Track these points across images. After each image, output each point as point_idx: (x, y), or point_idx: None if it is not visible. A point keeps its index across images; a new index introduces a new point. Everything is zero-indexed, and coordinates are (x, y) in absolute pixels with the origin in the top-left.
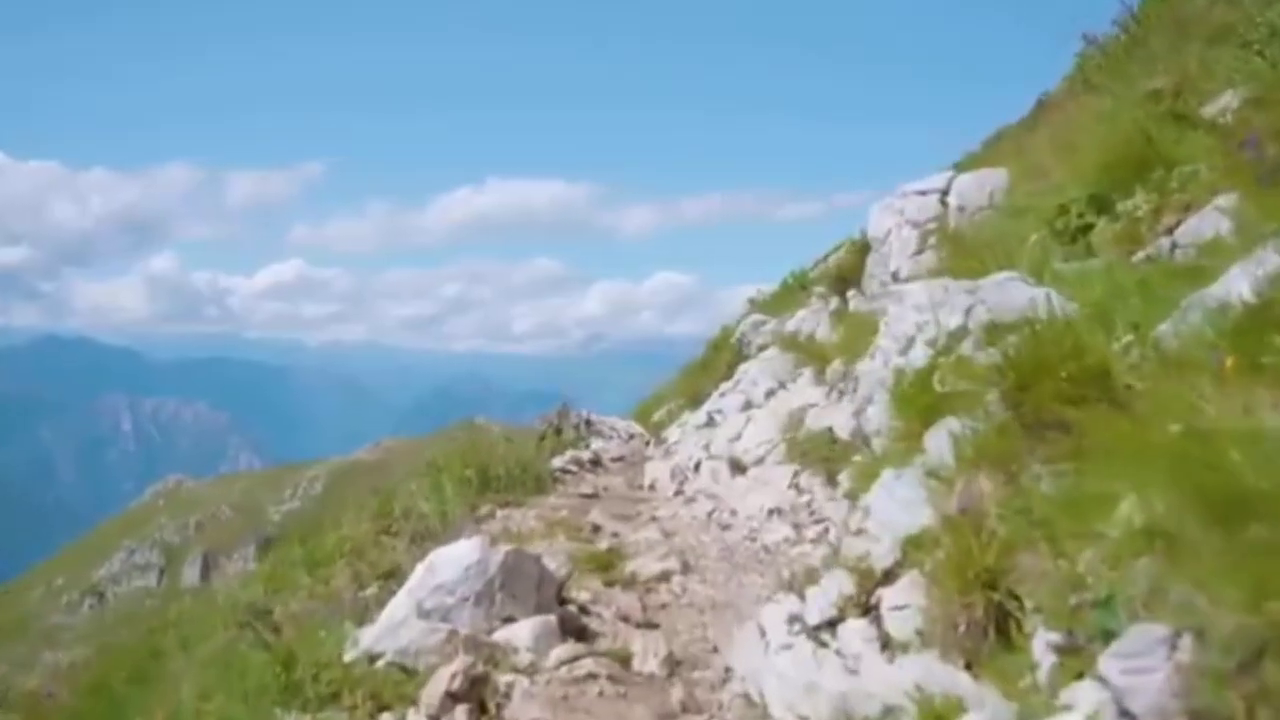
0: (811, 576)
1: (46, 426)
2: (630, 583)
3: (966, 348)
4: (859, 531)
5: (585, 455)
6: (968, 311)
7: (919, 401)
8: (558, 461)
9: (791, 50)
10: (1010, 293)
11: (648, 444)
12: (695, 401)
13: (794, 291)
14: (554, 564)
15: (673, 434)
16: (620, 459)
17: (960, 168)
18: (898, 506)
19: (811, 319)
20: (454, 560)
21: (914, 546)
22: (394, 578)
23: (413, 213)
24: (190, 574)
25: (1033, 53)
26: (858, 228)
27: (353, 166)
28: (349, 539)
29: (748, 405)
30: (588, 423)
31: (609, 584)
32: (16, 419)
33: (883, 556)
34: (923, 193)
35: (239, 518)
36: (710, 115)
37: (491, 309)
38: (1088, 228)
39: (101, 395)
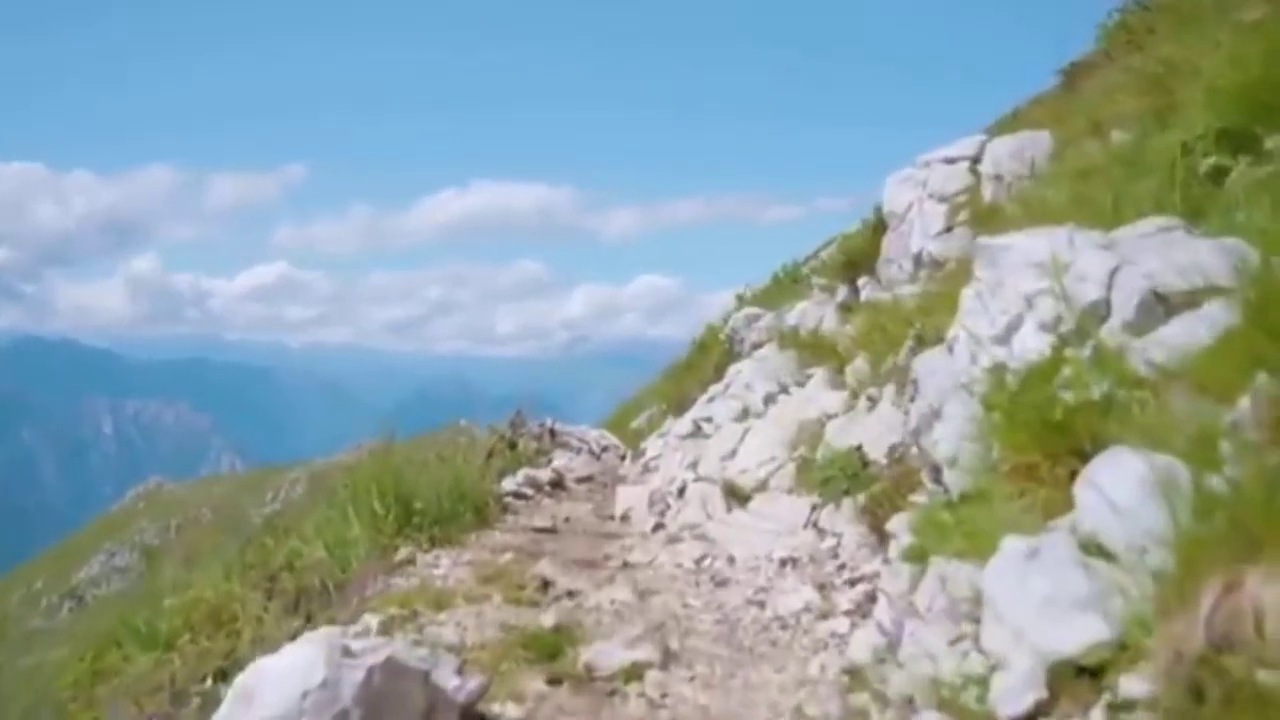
0: (859, 683)
1: (27, 428)
2: (584, 682)
3: (1112, 331)
4: (956, 640)
5: (544, 475)
6: (1111, 276)
7: (1039, 418)
8: (509, 483)
9: (774, 54)
10: (1173, 248)
11: (623, 458)
12: (679, 407)
13: (785, 287)
14: (473, 644)
15: (652, 446)
16: (587, 479)
17: (993, 133)
18: (1035, 604)
19: (814, 311)
20: (283, 680)
21: (1078, 682)
22: (227, 679)
23: (396, 215)
24: (170, 577)
25: (1020, 58)
26: (866, 215)
27: (336, 169)
28: (202, 602)
29: (745, 414)
30: (552, 433)
31: (553, 682)
32: None
33: (1014, 692)
34: (950, 160)
35: (219, 520)
36: (692, 118)
37: (475, 311)
38: (1220, 172)
39: (83, 397)
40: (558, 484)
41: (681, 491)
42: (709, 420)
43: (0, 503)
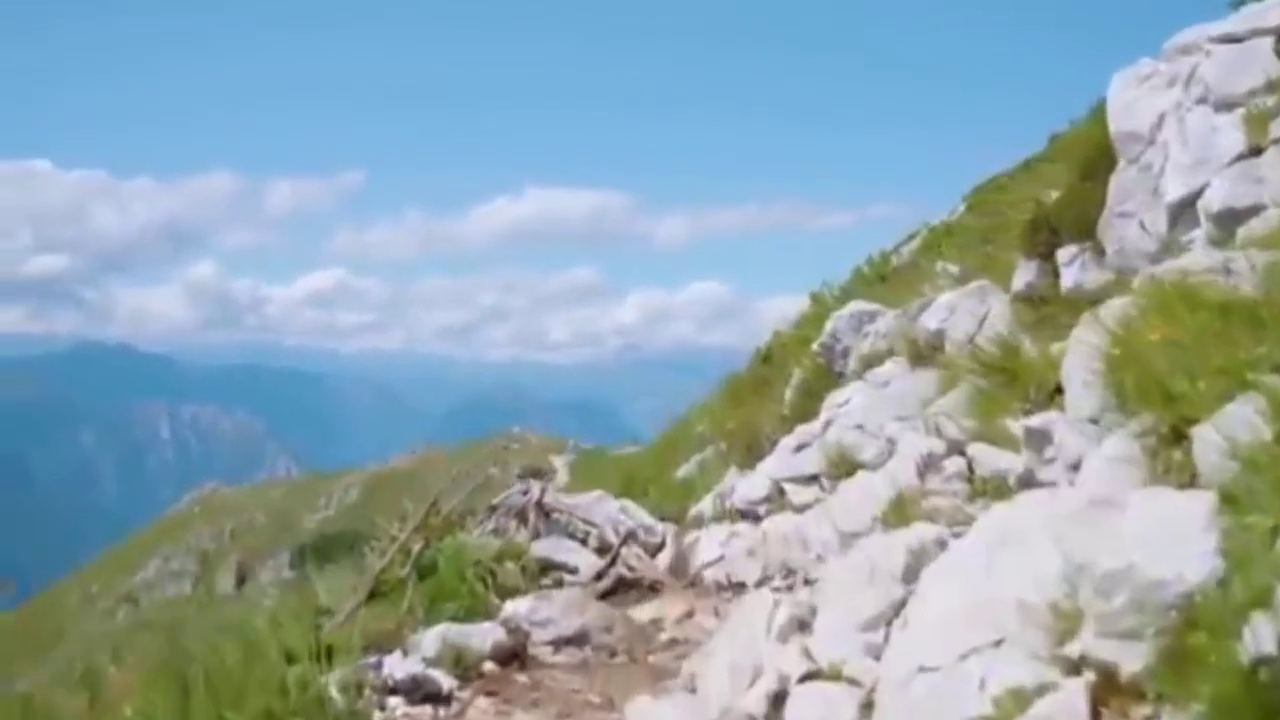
0: None
1: (87, 433)
2: None
3: None
4: None
5: (485, 638)
6: None
7: None
8: (399, 666)
9: (828, 59)
10: None
11: (658, 549)
12: (747, 448)
13: (870, 284)
14: None
15: (709, 535)
16: (578, 640)
17: None
18: None
19: (969, 307)
20: None
21: None
22: None
23: (451, 221)
24: (225, 582)
25: (1065, 64)
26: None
27: (393, 175)
28: None
29: (898, 510)
30: (541, 509)
31: None
32: (57, 425)
33: None
34: (1234, 39)
35: (274, 525)
36: (744, 123)
37: (527, 318)
38: None
39: (141, 402)
40: (514, 657)
41: (778, 703)
42: (801, 482)
43: (58, 506)
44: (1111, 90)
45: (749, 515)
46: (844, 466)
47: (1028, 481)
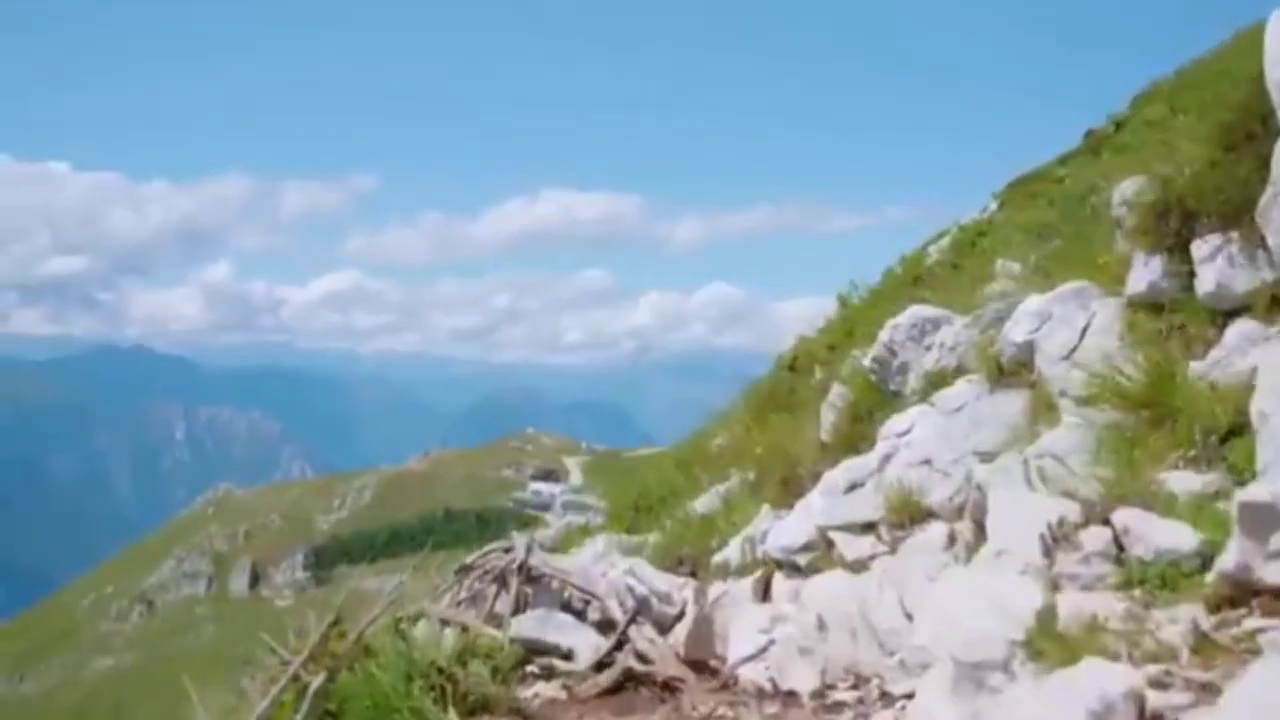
0: None
1: (102, 435)
2: None
3: None
4: None
5: None
6: None
7: None
8: None
9: (841, 61)
10: None
11: (676, 620)
12: (781, 480)
13: (904, 288)
14: None
15: (742, 616)
16: None
17: None
18: None
19: (1067, 315)
20: None
21: None
22: None
23: (465, 223)
24: (238, 583)
25: (1076, 68)
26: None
27: (407, 177)
28: None
29: (1050, 638)
30: (525, 572)
31: None
32: (73, 427)
33: None
34: None
35: (288, 527)
36: (758, 125)
37: (541, 320)
38: None
39: (156, 403)
40: None
41: None
42: (854, 530)
43: (74, 507)
44: (1270, 32)
45: (786, 565)
46: (908, 512)
47: (1243, 584)
